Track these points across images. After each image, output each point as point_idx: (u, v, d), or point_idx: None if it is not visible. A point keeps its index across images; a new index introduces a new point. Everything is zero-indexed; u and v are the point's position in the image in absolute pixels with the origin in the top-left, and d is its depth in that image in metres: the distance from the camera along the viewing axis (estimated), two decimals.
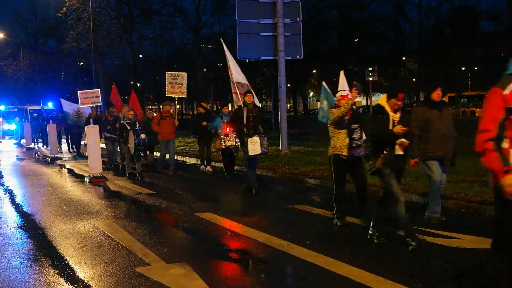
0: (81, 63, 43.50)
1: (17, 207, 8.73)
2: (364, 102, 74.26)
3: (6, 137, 31.71)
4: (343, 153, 6.74)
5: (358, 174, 7.14)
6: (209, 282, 4.62)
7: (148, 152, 15.54)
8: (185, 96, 13.39)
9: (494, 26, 47.03)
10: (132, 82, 40.40)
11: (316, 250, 5.54)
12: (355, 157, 6.86)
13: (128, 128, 11.86)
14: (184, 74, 13.20)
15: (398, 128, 5.49)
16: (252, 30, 14.39)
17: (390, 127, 5.59)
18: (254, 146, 8.84)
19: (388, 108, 5.67)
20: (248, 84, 11.12)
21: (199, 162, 13.81)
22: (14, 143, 28.17)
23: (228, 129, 10.97)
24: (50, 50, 51.50)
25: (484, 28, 50.96)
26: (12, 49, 48.27)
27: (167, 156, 13.27)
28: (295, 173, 11.33)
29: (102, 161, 13.06)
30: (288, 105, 56.63)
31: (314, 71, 51.93)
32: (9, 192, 10.46)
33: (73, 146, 20.66)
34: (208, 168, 13.17)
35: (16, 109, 35.50)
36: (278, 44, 14.34)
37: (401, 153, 5.69)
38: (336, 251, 5.53)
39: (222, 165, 11.75)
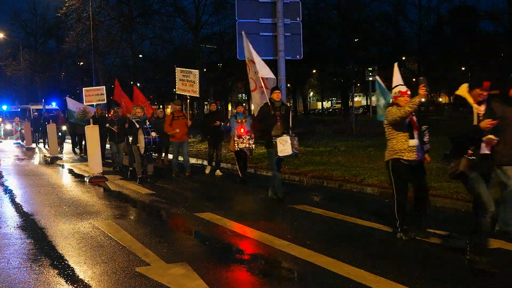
0: (81, 63, 43.49)
1: (17, 207, 8.73)
2: (364, 102, 74.29)
3: (8, 138, 31.33)
4: (405, 157, 5.85)
5: (419, 180, 6.24)
6: (209, 282, 4.62)
7: (163, 155, 14.93)
8: (197, 95, 12.48)
9: (494, 26, 47.04)
10: (131, 82, 40.39)
11: (316, 250, 5.54)
12: (417, 161, 5.98)
13: (137, 126, 11.05)
14: (196, 72, 12.39)
15: (486, 123, 4.78)
16: (252, 30, 14.36)
17: (475, 122, 4.86)
18: (284, 146, 8.19)
19: (470, 100, 4.95)
20: (275, 79, 9.98)
21: (199, 162, 13.79)
22: (14, 143, 28.12)
23: (242, 130, 10.58)
24: (50, 50, 51.53)
25: (484, 28, 51.02)
26: (12, 49, 48.31)
27: (180, 158, 12.68)
28: (295, 173, 11.33)
29: (107, 162, 13.06)
30: (288, 105, 56.66)
31: (314, 71, 51.95)
32: (9, 192, 10.46)
33: (78, 147, 20.00)
34: (218, 172, 12.31)
35: (19, 109, 34.64)
36: (278, 44, 14.32)
37: (488, 152, 4.95)
38: (336, 251, 5.53)
39: (237, 167, 11.13)
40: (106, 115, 17.13)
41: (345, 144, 16.74)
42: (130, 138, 11.61)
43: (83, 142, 18.86)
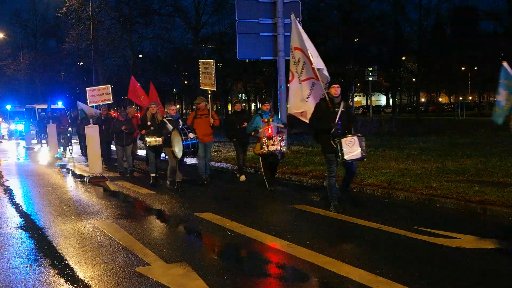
0: (81, 63, 43.51)
1: (17, 207, 8.73)
2: (364, 102, 74.35)
3: (13, 138, 30.82)
4: None
5: None
6: (209, 282, 4.62)
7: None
8: (214, 89, 11.00)
9: (494, 26, 47.08)
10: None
11: (316, 250, 5.53)
12: None
13: (171, 127, 9.82)
14: (211, 61, 11.06)
15: None
16: (252, 30, 14.37)
17: None
18: (352, 148, 7.14)
19: None
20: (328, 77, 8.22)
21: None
22: (16, 143, 28.07)
23: (270, 130, 9.45)
24: (50, 50, 51.51)
25: (484, 28, 51.04)
26: (12, 49, 48.32)
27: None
28: (295, 173, 11.33)
29: (114, 165, 12.86)
30: (288, 105, 56.66)
31: None
32: (9, 192, 10.46)
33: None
34: (242, 177, 11.15)
35: (24, 109, 33.79)
36: (278, 44, 14.32)
37: None
38: (336, 251, 5.53)
39: (262, 173, 9.79)
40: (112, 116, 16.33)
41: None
42: (149, 139, 10.59)
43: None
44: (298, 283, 4.81)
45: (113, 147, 15.19)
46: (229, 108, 58.37)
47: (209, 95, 11.13)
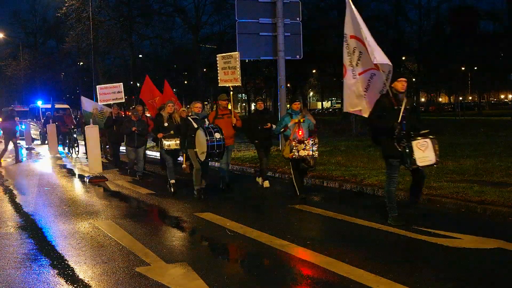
0: (81, 63, 43.53)
1: (17, 207, 8.73)
2: None
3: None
4: None
5: None
6: (209, 282, 4.62)
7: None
8: (239, 83, 10.10)
9: (494, 26, 47.08)
10: (131, 82, 40.42)
11: (316, 250, 5.54)
12: None
13: (195, 126, 8.86)
14: (236, 54, 10.06)
15: None
16: (252, 30, 14.39)
17: None
18: (425, 152, 6.24)
19: None
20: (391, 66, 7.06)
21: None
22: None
23: (300, 133, 8.50)
24: (50, 50, 51.56)
25: (484, 28, 51.02)
26: (12, 49, 48.35)
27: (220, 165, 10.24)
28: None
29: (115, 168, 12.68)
30: (288, 105, 56.76)
31: (314, 71, 51.94)
32: (9, 192, 10.46)
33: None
34: (266, 182, 10.19)
35: (28, 108, 32.96)
36: (278, 44, 14.33)
37: None
38: (336, 251, 5.53)
39: (293, 179, 8.81)
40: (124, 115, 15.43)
41: (345, 144, 16.74)
42: (168, 143, 9.62)
43: (105, 145, 17.10)
44: (298, 283, 4.80)
45: (121, 148, 14.63)
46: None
47: (231, 92, 10.15)
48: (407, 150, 6.26)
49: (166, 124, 9.75)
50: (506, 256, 5.31)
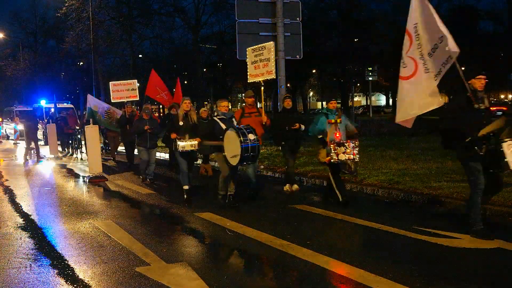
0: (81, 63, 43.52)
1: (17, 207, 8.72)
2: (363, 102, 74.29)
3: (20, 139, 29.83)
4: None
5: None
6: (209, 282, 4.62)
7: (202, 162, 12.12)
8: (273, 76, 9.05)
9: (494, 26, 47.06)
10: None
11: (316, 250, 5.53)
12: None
13: (224, 127, 8.02)
14: (270, 44, 9.04)
15: None
16: (252, 30, 14.38)
17: None
18: None
19: None
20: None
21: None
22: (14, 143, 28.01)
23: (338, 134, 7.81)
24: (50, 50, 51.54)
25: (484, 28, 50.99)
26: (12, 49, 48.36)
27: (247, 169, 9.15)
28: (295, 173, 11.30)
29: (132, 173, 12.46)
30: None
31: (314, 71, 51.99)
32: (9, 192, 10.46)
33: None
34: (295, 186, 9.60)
35: (32, 108, 32.97)
36: (278, 44, 14.31)
37: None
38: (336, 251, 5.53)
39: (333, 184, 8.07)
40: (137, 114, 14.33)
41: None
42: (183, 144, 8.47)
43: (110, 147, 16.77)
44: (298, 283, 4.80)
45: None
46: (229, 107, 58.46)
47: (262, 88, 9.25)
48: (494, 153, 5.59)
49: (181, 123, 8.69)
50: (506, 256, 5.31)
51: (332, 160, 7.64)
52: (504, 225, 6.58)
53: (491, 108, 6.26)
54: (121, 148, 16.81)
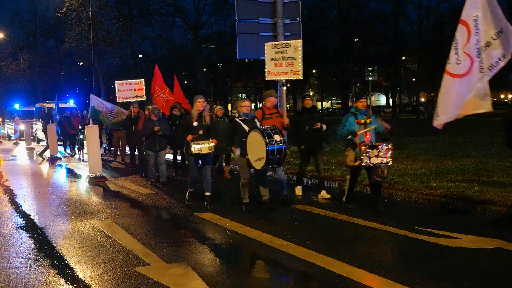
0: (81, 63, 43.51)
1: (17, 207, 8.72)
2: None
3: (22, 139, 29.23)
4: None
5: None
6: (209, 282, 4.62)
7: (223, 164, 11.76)
8: (300, 77, 8.51)
9: None
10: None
11: (316, 250, 5.53)
12: None
13: (247, 128, 7.39)
14: (297, 42, 8.54)
15: None
16: (252, 30, 14.38)
17: None
18: None
19: None
20: None
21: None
22: (14, 143, 28.00)
23: (368, 136, 7.25)
24: (50, 50, 51.50)
25: None
26: (12, 49, 48.28)
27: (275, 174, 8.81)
28: (295, 173, 11.29)
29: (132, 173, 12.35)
30: (288, 105, 56.73)
31: (314, 71, 51.96)
32: (9, 192, 10.46)
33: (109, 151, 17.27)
34: (324, 192, 8.75)
35: (35, 108, 31.06)
36: None
37: None
38: (336, 251, 5.53)
39: (347, 186, 7.81)
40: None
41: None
42: (198, 146, 7.86)
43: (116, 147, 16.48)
44: (298, 283, 4.80)
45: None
46: (229, 108, 58.41)
47: (284, 88, 8.38)
48: None
49: (195, 124, 7.99)
50: (506, 256, 5.31)
51: (362, 164, 7.05)
52: (504, 225, 6.58)
53: None
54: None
